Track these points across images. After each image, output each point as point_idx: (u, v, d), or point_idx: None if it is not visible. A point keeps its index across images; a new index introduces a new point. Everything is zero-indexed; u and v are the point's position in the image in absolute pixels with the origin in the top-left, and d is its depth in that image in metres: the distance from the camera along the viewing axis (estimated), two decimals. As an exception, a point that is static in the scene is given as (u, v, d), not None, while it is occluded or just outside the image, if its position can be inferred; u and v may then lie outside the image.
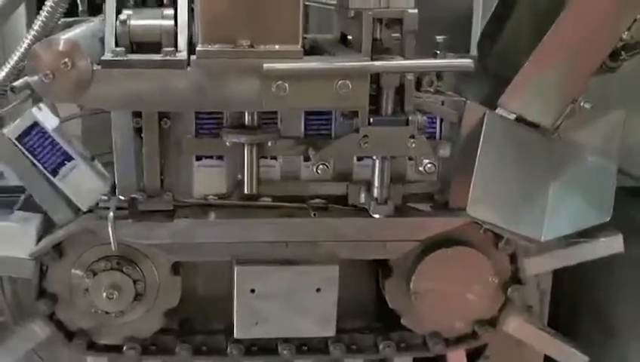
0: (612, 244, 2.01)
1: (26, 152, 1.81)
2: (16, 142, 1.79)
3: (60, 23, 1.80)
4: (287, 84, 1.64)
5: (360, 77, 1.66)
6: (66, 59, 1.60)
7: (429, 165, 1.88)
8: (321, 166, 1.82)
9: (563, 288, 2.29)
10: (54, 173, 1.84)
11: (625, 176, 2.14)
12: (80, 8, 2.11)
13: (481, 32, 2.09)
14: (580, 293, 2.36)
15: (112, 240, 1.81)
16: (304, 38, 1.94)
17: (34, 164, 1.83)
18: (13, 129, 1.79)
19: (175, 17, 1.71)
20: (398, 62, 1.69)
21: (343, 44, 1.94)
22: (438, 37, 1.91)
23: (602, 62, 1.89)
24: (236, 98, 1.67)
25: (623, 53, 1.87)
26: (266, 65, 1.63)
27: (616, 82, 2.00)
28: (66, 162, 1.84)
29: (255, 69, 1.64)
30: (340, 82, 1.65)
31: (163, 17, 1.70)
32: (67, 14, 1.83)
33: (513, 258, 2.02)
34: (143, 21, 1.70)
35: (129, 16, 1.69)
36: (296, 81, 1.65)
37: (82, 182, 1.85)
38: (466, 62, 1.72)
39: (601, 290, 2.30)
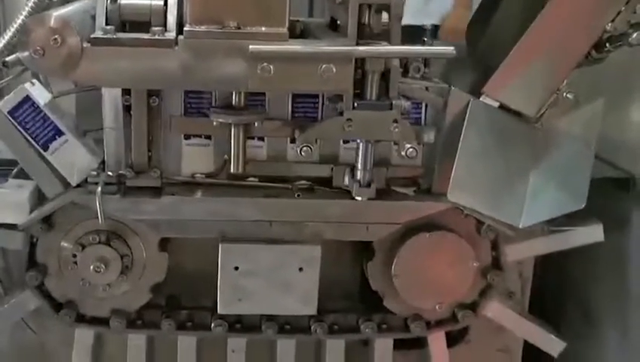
0: (592, 233, 2.04)
1: (18, 126, 1.85)
2: (9, 116, 1.83)
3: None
4: (272, 66, 1.68)
5: (344, 61, 1.70)
6: (57, 36, 1.64)
7: (410, 150, 1.91)
8: (305, 148, 1.85)
9: (548, 278, 2.33)
10: (45, 147, 1.88)
11: (610, 167, 2.18)
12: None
13: (470, 20, 2.12)
14: (563, 283, 2.41)
15: (99, 214, 1.86)
16: (296, 22, 1.99)
17: (26, 138, 1.87)
18: (5, 103, 1.83)
19: (165, -3, 1.75)
20: (381, 48, 1.72)
21: (332, 29, 1.97)
22: (425, 24, 1.94)
23: (588, 53, 1.92)
24: (222, 78, 1.71)
25: (607, 44, 1.89)
26: (251, 47, 1.67)
27: (604, 75, 2.03)
28: (57, 137, 1.87)
29: (241, 50, 1.68)
30: (324, 66, 1.69)
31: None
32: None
33: (495, 244, 2.05)
34: (133, 0, 1.73)
35: None
36: (281, 64, 1.69)
37: (72, 157, 1.89)
38: (449, 49, 1.75)
39: (584, 280, 2.34)
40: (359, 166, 1.87)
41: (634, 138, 2.15)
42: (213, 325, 2.03)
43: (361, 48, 1.70)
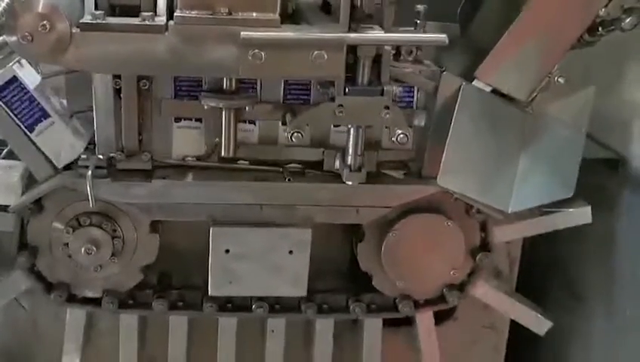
0: (580, 215, 2.05)
1: (4, 106, 1.83)
2: None
3: None
4: (263, 53, 1.67)
5: (335, 48, 1.69)
6: (45, 22, 1.61)
7: (401, 136, 1.90)
8: (295, 134, 1.84)
9: (536, 256, 2.36)
10: (30, 128, 1.87)
11: (600, 147, 2.19)
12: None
13: (463, 1, 2.10)
14: (552, 261, 2.44)
15: (90, 198, 1.85)
16: (288, 1, 1.97)
17: (13, 119, 1.86)
18: None
19: (156, -19, 1.73)
20: (373, 35, 1.71)
21: (324, 10, 1.95)
22: (418, 6, 1.93)
23: (580, 37, 1.91)
24: (213, 64, 1.70)
25: (600, 28, 1.89)
26: (243, 34, 1.65)
27: (597, 54, 2.02)
28: (42, 119, 1.86)
29: (232, 37, 1.67)
30: (315, 53, 1.68)
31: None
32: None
33: (484, 225, 2.07)
34: (123, -16, 1.71)
35: None
36: (273, 50, 1.67)
37: (58, 139, 1.88)
38: (441, 37, 1.74)
39: (572, 259, 2.37)
40: (350, 151, 1.87)
41: (625, 119, 2.15)
42: (204, 305, 2.04)
43: (352, 35, 1.69)
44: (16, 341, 2.15)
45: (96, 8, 1.70)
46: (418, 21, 1.94)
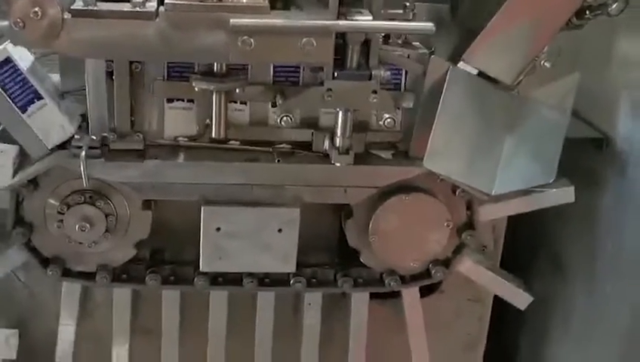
0: (564, 195, 2.09)
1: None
2: None
3: None
4: (252, 39, 1.69)
5: (324, 35, 1.71)
6: (37, 8, 1.63)
7: (388, 120, 1.93)
8: (285, 118, 1.87)
9: (521, 231, 2.41)
10: (23, 109, 1.90)
11: (585, 125, 2.23)
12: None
13: (452, -15, 2.12)
14: (537, 236, 2.49)
15: (83, 178, 1.89)
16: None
17: (6, 99, 1.88)
18: None
19: (147, -34, 1.74)
20: (361, 24, 1.74)
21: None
22: None
23: (568, 20, 1.93)
24: (203, 50, 1.72)
25: (587, 12, 1.91)
26: (232, 21, 1.68)
27: (584, 34, 2.04)
28: (35, 100, 1.89)
29: (222, 23, 1.69)
30: (304, 39, 1.70)
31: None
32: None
33: (469, 204, 2.12)
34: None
35: None
36: (262, 37, 1.70)
37: (50, 120, 1.91)
38: (428, 25, 1.77)
39: (556, 234, 2.43)
40: (338, 133, 1.91)
41: (610, 98, 2.18)
42: (195, 280, 2.10)
43: (341, 23, 1.71)
44: (14, 312, 2.20)
45: (88, -7, 1.71)
46: (407, 3, 1.95)
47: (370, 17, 1.77)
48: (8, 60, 1.86)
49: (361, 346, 2.24)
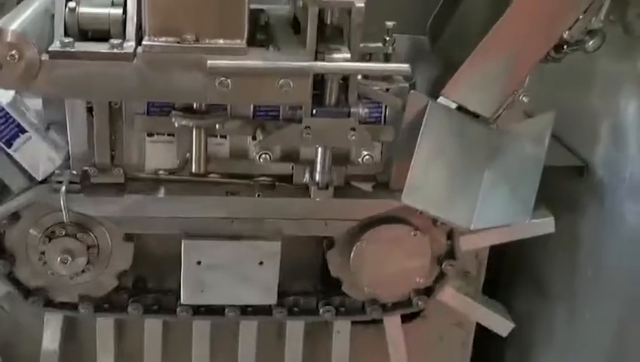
0: (544, 225, 2.11)
1: None
2: None
3: None
4: (230, 80, 1.70)
5: (302, 76, 1.72)
6: (14, 52, 1.63)
7: (367, 157, 1.93)
8: (263, 155, 1.88)
9: (504, 255, 2.43)
10: (9, 144, 1.90)
11: (567, 152, 2.24)
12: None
13: (433, 15, 2.12)
14: (519, 261, 2.51)
15: (64, 213, 1.90)
16: (260, 12, 1.99)
17: None
18: None
19: (125, 4, 1.74)
20: (338, 65, 1.74)
21: (294, 26, 1.97)
22: (387, 22, 1.95)
23: (547, 53, 1.95)
24: (181, 90, 1.73)
25: (565, 47, 1.92)
26: (209, 62, 1.68)
27: (566, 60, 2.05)
28: (19, 134, 1.90)
29: (199, 65, 1.70)
30: (281, 80, 1.71)
31: (113, 5, 1.73)
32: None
33: (450, 234, 2.13)
34: (91, 9, 1.72)
35: (78, 3, 1.72)
36: (239, 78, 1.71)
37: (36, 153, 1.92)
38: (404, 67, 1.78)
39: (539, 260, 2.44)
40: (317, 168, 1.91)
41: (590, 125, 2.19)
42: (178, 310, 2.11)
43: (318, 64, 1.72)
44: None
45: (66, 32, 1.71)
46: (387, 38, 1.96)
47: (349, 55, 1.77)
48: None
49: (344, 371, 2.26)
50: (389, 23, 1.94)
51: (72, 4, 1.71)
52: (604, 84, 2.15)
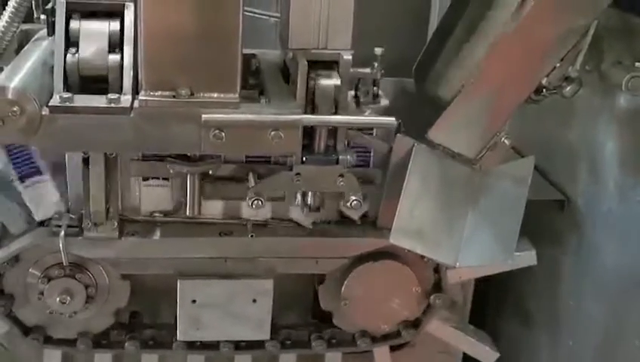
0: (526, 258, 2.18)
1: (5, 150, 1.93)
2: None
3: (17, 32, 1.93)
4: (223, 133, 1.77)
5: (292, 128, 1.79)
6: (15, 108, 1.69)
7: (355, 202, 2.00)
8: (255, 201, 1.94)
9: (489, 286, 2.50)
10: (22, 180, 1.97)
11: (548, 185, 2.32)
12: (35, 15, 2.17)
13: (418, 60, 2.20)
14: (504, 291, 2.58)
15: (63, 256, 1.97)
16: (252, 57, 2.06)
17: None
18: None
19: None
20: (327, 118, 1.81)
21: (284, 73, 2.04)
22: (376, 49, 2.02)
23: (527, 96, 2.02)
24: (176, 142, 1.80)
25: (544, 90, 2.00)
26: (204, 117, 1.76)
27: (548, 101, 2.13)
28: (35, 175, 1.97)
29: (194, 118, 1.77)
30: (273, 132, 1.78)
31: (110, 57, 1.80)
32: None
33: (437, 268, 2.21)
34: (90, 57, 1.79)
35: (78, 51, 1.78)
36: (233, 130, 1.78)
37: (44, 195, 2.00)
38: (390, 120, 1.85)
39: (522, 290, 2.52)
40: (309, 200, 1.99)
41: (571, 160, 2.27)
42: (174, 345, 2.18)
43: (308, 117, 1.79)
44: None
45: (65, 81, 1.77)
46: (376, 64, 2.03)
47: (339, 81, 1.83)
48: None
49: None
50: (378, 49, 2.01)
51: (70, 58, 1.77)
52: (583, 121, 2.22)
